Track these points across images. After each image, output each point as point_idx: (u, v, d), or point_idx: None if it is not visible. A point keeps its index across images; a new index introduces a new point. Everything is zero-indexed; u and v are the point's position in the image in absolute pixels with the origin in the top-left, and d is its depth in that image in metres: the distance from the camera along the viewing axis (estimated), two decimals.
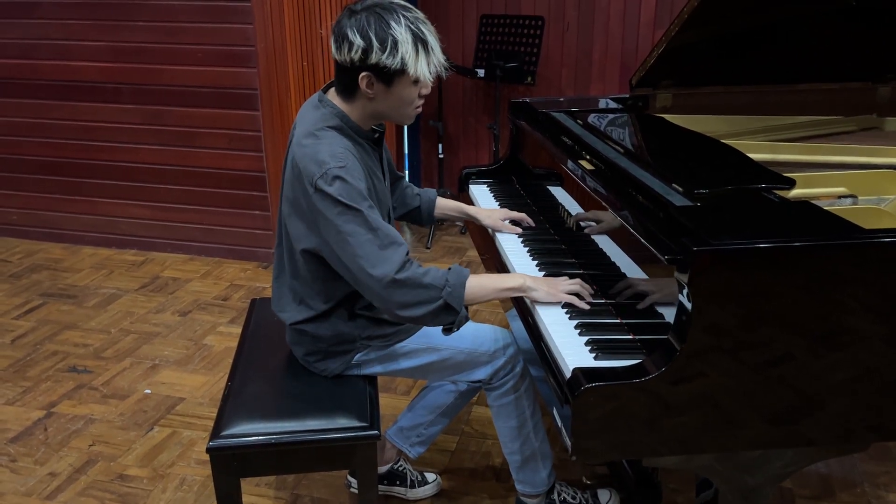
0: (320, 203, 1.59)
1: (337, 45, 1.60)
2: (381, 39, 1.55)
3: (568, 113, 2.29)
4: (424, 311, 1.60)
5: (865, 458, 2.33)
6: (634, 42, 4.07)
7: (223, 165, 3.84)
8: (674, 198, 1.50)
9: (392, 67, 1.57)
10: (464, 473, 2.31)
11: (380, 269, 1.56)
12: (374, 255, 1.57)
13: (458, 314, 1.62)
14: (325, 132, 1.65)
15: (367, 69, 1.58)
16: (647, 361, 1.34)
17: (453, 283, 1.60)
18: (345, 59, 1.59)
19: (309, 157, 1.61)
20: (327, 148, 1.61)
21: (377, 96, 1.63)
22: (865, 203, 1.71)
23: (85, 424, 2.58)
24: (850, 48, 2.35)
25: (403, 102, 1.66)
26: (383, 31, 1.55)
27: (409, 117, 1.71)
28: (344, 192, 1.57)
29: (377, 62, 1.56)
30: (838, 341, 1.34)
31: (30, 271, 3.84)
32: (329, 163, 1.58)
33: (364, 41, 1.55)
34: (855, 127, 2.41)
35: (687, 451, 1.41)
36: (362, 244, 1.57)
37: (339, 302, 1.77)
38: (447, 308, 1.60)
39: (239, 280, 3.72)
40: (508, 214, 2.14)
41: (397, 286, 1.57)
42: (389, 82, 1.61)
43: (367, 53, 1.55)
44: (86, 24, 3.78)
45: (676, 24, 2.17)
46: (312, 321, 1.79)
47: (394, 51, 1.55)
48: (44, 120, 4.01)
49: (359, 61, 1.57)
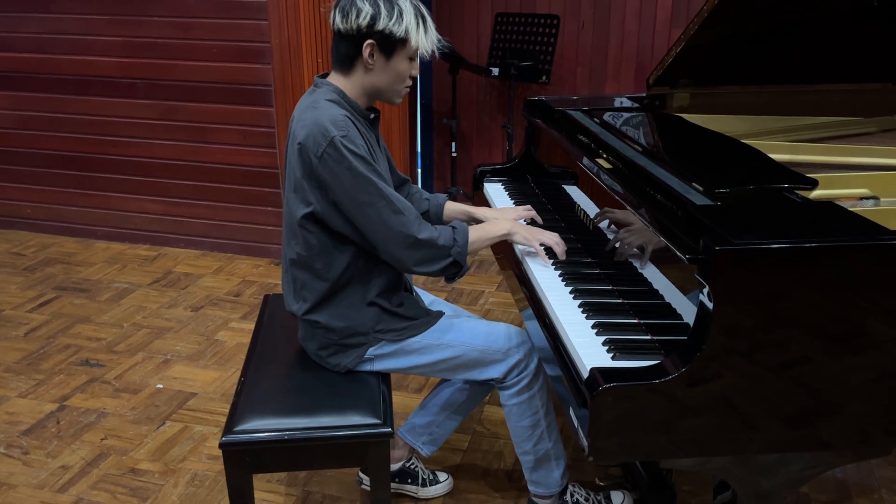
0: (326, 173, 1.65)
1: (343, 14, 1.67)
2: (388, 8, 1.66)
3: (584, 111, 2.28)
4: (437, 268, 1.74)
5: (883, 463, 2.30)
6: (650, 41, 4.04)
7: (236, 161, 3.84)
8: (694, 197, 1.49)
9: (396, 35, 1.68)
10: (475, 473, 2.30)
11: (401, 232, 1.68)
12: (392, 220, 1.68)
13: (463, 268, 1.77)
14: (323, 103, 1.71)
15: (372, 36, 1.67)
16: (666, 362, 1.32)
17: (461, 243, 1.75)
18: (350, 26, 1.67)
19: (310, 127, 1.67)
20: (327, 115, 1.67)
21: (375, 68, 1.72)
22: (888, 205, 1.68)
23: (97, 418, 2.58)
24: (870, 48, 2.32)
25: (398, 77, 1.75)
26: (390, 3, 1.67)
27: (399, 95, 1.80)
28: (351, 158, 1.65)
29: (383, 28, 1.66)
30: (859, 343, 1.32)
31: (43, 265, 3.86)
32: (332, 131, 1.65)
33: (373, 8, 1.66)
34: (875, 128, 2.38)
35: (704, 454, 1.39)
36: (379, 210, 1.67)
37: (340, 284, 1.79)
38: (455, 263, 1.76)
39: (251, 276, 3.72)
40: (519, 215, 2.09)
41: (418, 247, 1.70)
42: (391, 53, 1.71)
43: (375, 19, 1.65)
44: (101, 19, 3.79)
45: (696, 23, 2.14)
46: (319, 308, 1.79)
47: (399, 19, 1.67)
48: (58, 114, 4.03)
49: (366, 27, 1.66)
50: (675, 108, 2.38)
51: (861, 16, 2.21)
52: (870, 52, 2.33)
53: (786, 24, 2.25)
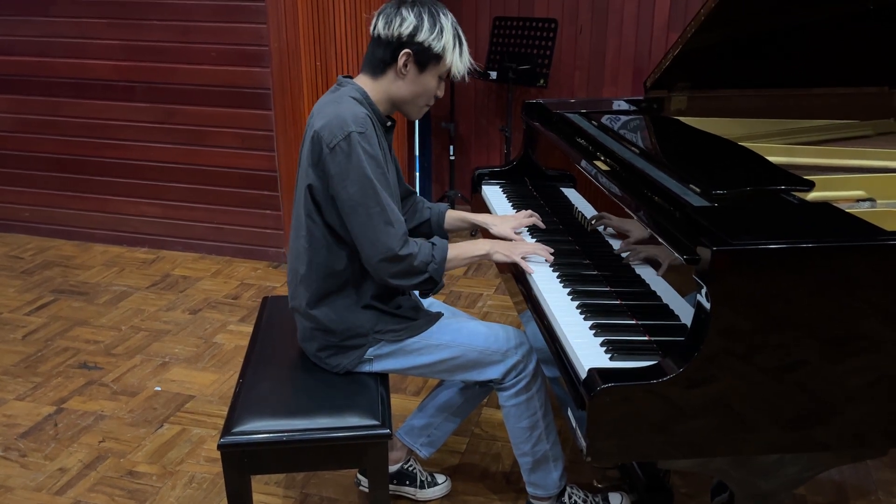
0: (333, 165, 1.66)
1: (387, 20, 1.72)
2: (431, 23, 1.72)
3: (582, 114, 2.28)
4: (412, 282, 1.76)
5: (880, 466, 2.31)
6: (647, 45, 4.06)
7: (235, 164, 3.84)
8: (692, 198, 1.49)
9: (434, 50, 1.73)
10: (474, 475, 2.30)
11: (384, 243, 1.68)
12: (380, 229, 1.68)
13: (438, 284, 1.78)
14: (347, 100, 1.73)
15: (410, 46, 1.72)
16: (664, 362, 1.33)
17: (438, 260, 1.76)
18: (392, 33, 1.71)
19: (330, 118, 1.68)
20: (349, 111, 1.69)
21: (406, 78, 1.75)
22: (885, 206, 1.69)
23: (95, 421, 2.58)
24: (866, 52, 2.34)
25: (424, 92, 1.79)
26: (433, 18, 1.73)
27: (420, 111, 1.84)
28: (362, 157, 1.66)
29: (423, 41, 1.71)
30: (858, 345, 1.32)
31: (41, 268, 3.85)
32: (351, 126, 1.66)
33: (417, 19, 1.71)
34: (872, 131, 2.39)
35: (702, 455, 1.40)
36: (371, 216, 1.68)
37: (338, 283, 1.79)
38: (430, 280, 1.76)
39: (249, 279, 3.72)
40: (519, 223, 2.07)
41: (396, 261, 1.70)
42: (424, 67, 1.75)
43: (417, 30, 1.71)
44: (100, 23, 3.79)
45: (693, 26, 2.15)
46: (318, 304, 1.80)
47: (440, 36, 1.73)
48: (57, 117, 4.03)
49: (406, 37, 1.71)
50: (673, 112, 2.39)
51: (857, 19, 2.22)
52: (866, 55, 2.34)
53: (782, 28, 2.26)
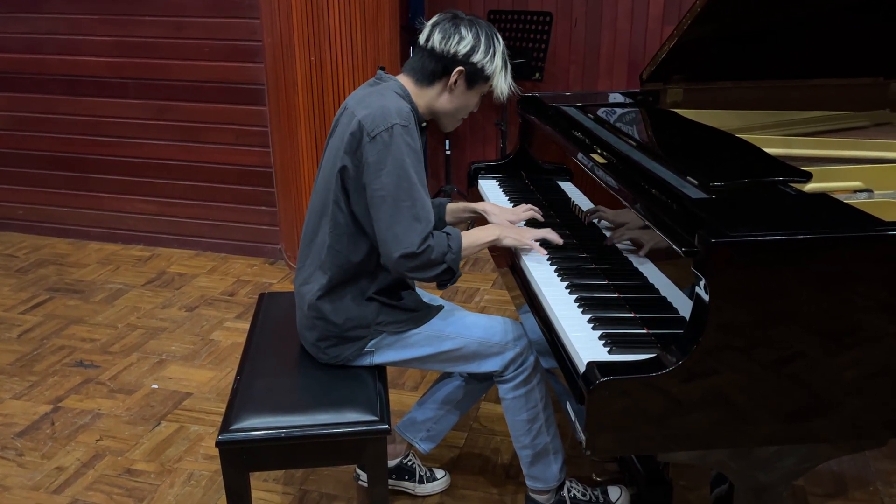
0: (371, 153, 1.66)
1: (444, 35, 1.76)
2: (486, 44, 1.78)
3: (578, 107, 2.28)
4: (431, 274, 1.75)
5: (878, 456, 2.31)
6: (642, 38, 4.05)
7: (230, 161, 3.83)
8: (689, 191, 1.49)
9: (486, 71, 1.79)
10: (473, 470, 2.30)
11: (408, 238, 1.67)
12: (406, 224, 1.67)
13: (456, 274, 1.77)
14: (391, 94, 1.75)
15: (465, 65, 1.77)
16: (663, 355, 1.32)
17: (455, 249, 1.75)
18: (447, 49, 1.75)
19: (376, 109, 1.69)
20: (394, 104, 1.71)
21: (454, 92, 1.80)
22: (882, 197, 1.69)
23: (92, 419, 2.57)
24: (862, 43, 2.33)
25: (465, 108, 1.86)
26: (489, 41, 1.79)
27: (454, 123, 1.91)
28: (403, 149, 1.67)
29: (477, 62, 1.77)
30: (857, 336, 1.32)
31: (36, 266, 3.84)
32: (395, 118, 1.67)
33: (474, 40, 1.76)
34: (868, 122, 2.39)
35: (701, 447, 1.40)
36: (401, 208, 1.67)
37: (354, 272, 1.80)
38: (449, 270, 1.75)
39: (245, 276, 3.71)
40: (518, 216, 2.06)
41: (414, 258, 1.69)
42: (472, 85, 1.81)
43: (474, 51, 1.76)
44: (93, 19, 3.77)
45: (688, 18, 2.15)
46: (329, 294, 1.79)
47: (493, 59, 1.79)
48: (50, 115, 4.01)
49: (462, 56, 1.76)
50: (669, 104, 2.39)
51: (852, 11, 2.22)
52: (861, 46, 2.34)
53: (778, 20, 2.26)
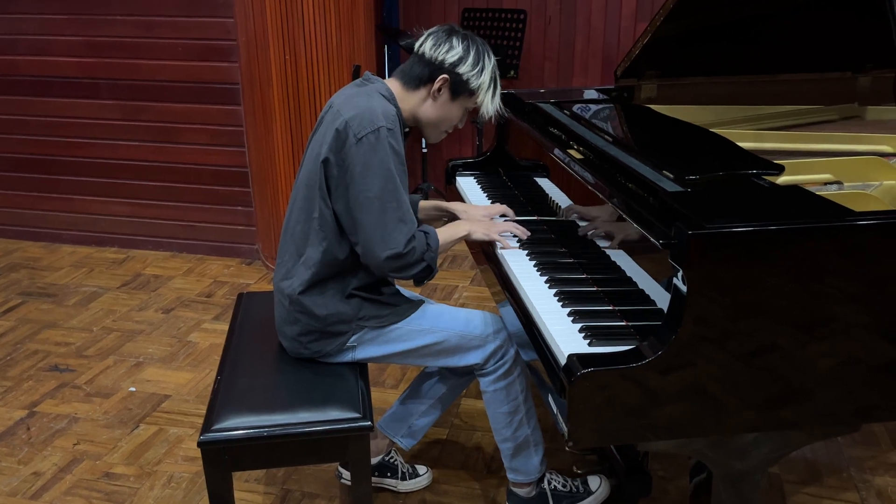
0: (357, 155, 1.67)
1: (435, 43, 1.78)
2: (475, 60, 1.79)
3: (554, 104, 2.30)
4: (411, 273, 1.77)
5: (851, 443, 2.36)
6: (616, 35, 4.09)
7: (204, 161, 3.80)
8: (665, 184, 1.51)
9: (470, 84, 1.80)
10: (454, 465, 2.31)
11: (394, 240, 1.69)
12: (391, 226, 1.69)
13: (433, 272, 1.80)
14: (377, 96, 1.76)
15: (450, 73, 1.78)
16: (643, 346, 1.34)
17: (433, 248, 1.78)
18: (435, 56, 1.77)
19: (362, 110, 1.70)
20: (381, 106, 1.72)
21: (437, 100, 1.81)
22: (851, 189, 1.73)
23: (69, 423, 2.54)
24: (830, 38, 2.38)
25: (447, 119, 1.86)
26: (479, 56, 1.80)
27: (436, 135, 1.91)
28: (388, 151, 1.68)
29: (462, 73, 1.79)
30: (831, 326, 1.35)
31: (8, 270, 3.77)
32: (381, 121, 1.69)
33: (464, 52, 1.78)
34: (836, 116, 2.44)
35: (681, 436, 1.42)
36: (386, 210, 1.69)
37: (336, 269, 1.80)
38: (428, 267, 1.78)
39: (222, 277, 3.69)
40: (488, 212, 2.09)
41: (400, 258, 1.71)
42: (456, 96, 1.82)
43: (461, 62, 1.78)
44: (63, 19, 3.72)
45: (661, 15, 2.18)
46: (311, 288, 1.79)
47: (480, 73, 1.80)
48: (21, 116, 3.94)
49: (449, 64, 1.77)
50: (643, 100, 2.42)
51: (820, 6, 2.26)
52: (830, 42, 2.39)
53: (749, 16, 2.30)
